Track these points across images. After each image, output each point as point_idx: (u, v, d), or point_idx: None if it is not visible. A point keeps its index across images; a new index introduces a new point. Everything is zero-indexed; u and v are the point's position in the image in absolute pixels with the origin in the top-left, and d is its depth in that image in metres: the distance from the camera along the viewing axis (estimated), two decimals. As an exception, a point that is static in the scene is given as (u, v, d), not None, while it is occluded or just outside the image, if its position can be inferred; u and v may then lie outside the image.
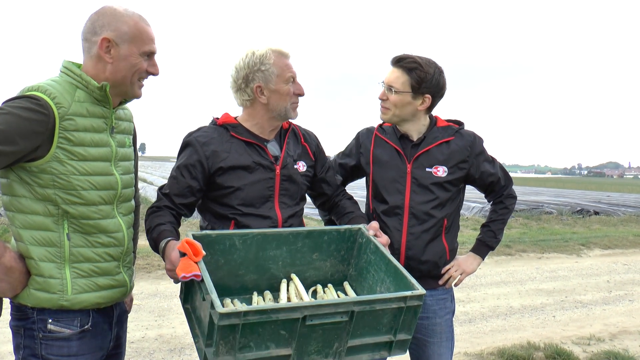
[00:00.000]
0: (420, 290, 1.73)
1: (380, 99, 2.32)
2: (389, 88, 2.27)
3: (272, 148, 2.14)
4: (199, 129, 2.14)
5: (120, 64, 1.72)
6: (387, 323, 1.73)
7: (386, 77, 2.30)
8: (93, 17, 1.73)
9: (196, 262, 1.65)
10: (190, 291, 1.80)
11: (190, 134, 2.12)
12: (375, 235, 2.08)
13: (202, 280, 1.60)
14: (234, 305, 1.88)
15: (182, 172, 2.05)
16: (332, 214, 2.41)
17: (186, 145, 2.10)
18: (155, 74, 1.82)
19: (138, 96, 1.83)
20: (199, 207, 2.19)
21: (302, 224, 2.22)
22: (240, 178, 2.06)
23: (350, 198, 2.42)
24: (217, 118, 2.19)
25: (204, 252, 1.69)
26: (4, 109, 1.56)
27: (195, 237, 1.79)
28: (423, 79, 2.23)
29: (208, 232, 1.88)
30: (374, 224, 2.15)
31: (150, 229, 1.96)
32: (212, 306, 1.50)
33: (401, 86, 2.24)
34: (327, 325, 1.61)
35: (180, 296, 1.86)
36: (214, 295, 1.51)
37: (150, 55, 1.78)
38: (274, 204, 2.11)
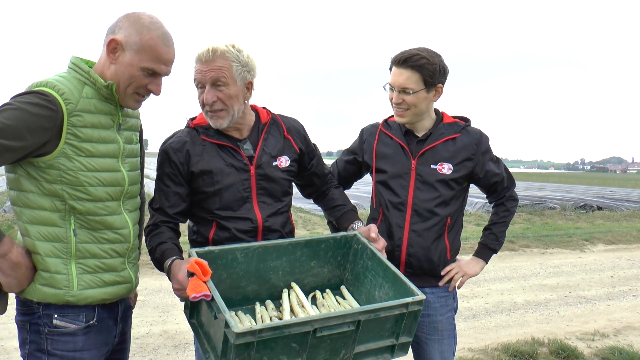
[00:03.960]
0: (420, 295, 1.80)
1: (395, 104, 2.26)
2: (403, 91, 2.21)
3: (247, 147, 2.08)
4: (173, 135, 2.10)
5: (120, 69, 1.71)
6: (389, 328, 1.81)
7: (394, 80, 2.23)
8: (120, 17, 1.74)
9: (204, 282, 1.65)
10: (195, 307, 1.83)
11: (164, 142, 2.09)
12: (373, 239, 2.09)
13: (213, 299, 1.61)
14: (239, 317, 1.92)
15: (166, 182, 2.04)
16: (321, 204, 2.41)
17: (161, 154, 2.07)
18: (155, 93, 1.80)
19: (131, 108, 1.82)
20: None
21: (288, 221, 2.19)
22: (214, 183, 2.02)
23: (338, 187, 2.41)
24: (193, 119, 2.13)
25: (211, 272, 1.69)
26: (12, 104, 1.56)
27: (199, 254, 1.82)
28: (433, 71, 2.19)
29: (211, 248, 1.90)
30: (373, 227, 2.15)
31: (153, 249, 1.96)
32: (227, 325, 1.51)
33: (415, 85, 2.19)
34: (335, 335, 1.67)
35: (185, 311, 1.88)
36: (227, 315, 1.53)
37: (154, 74, 1.75)
38: (252, 205, 2.06)
